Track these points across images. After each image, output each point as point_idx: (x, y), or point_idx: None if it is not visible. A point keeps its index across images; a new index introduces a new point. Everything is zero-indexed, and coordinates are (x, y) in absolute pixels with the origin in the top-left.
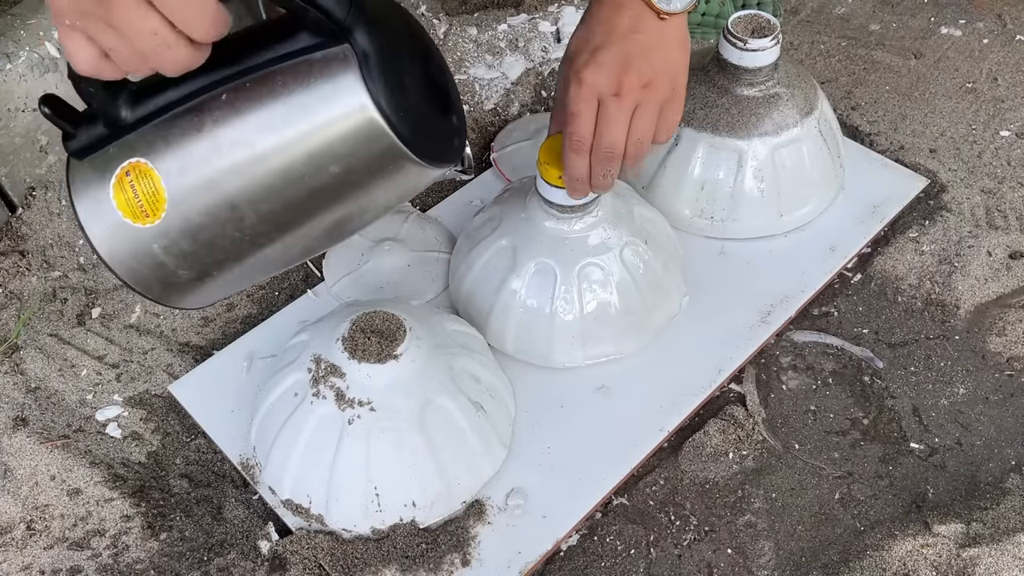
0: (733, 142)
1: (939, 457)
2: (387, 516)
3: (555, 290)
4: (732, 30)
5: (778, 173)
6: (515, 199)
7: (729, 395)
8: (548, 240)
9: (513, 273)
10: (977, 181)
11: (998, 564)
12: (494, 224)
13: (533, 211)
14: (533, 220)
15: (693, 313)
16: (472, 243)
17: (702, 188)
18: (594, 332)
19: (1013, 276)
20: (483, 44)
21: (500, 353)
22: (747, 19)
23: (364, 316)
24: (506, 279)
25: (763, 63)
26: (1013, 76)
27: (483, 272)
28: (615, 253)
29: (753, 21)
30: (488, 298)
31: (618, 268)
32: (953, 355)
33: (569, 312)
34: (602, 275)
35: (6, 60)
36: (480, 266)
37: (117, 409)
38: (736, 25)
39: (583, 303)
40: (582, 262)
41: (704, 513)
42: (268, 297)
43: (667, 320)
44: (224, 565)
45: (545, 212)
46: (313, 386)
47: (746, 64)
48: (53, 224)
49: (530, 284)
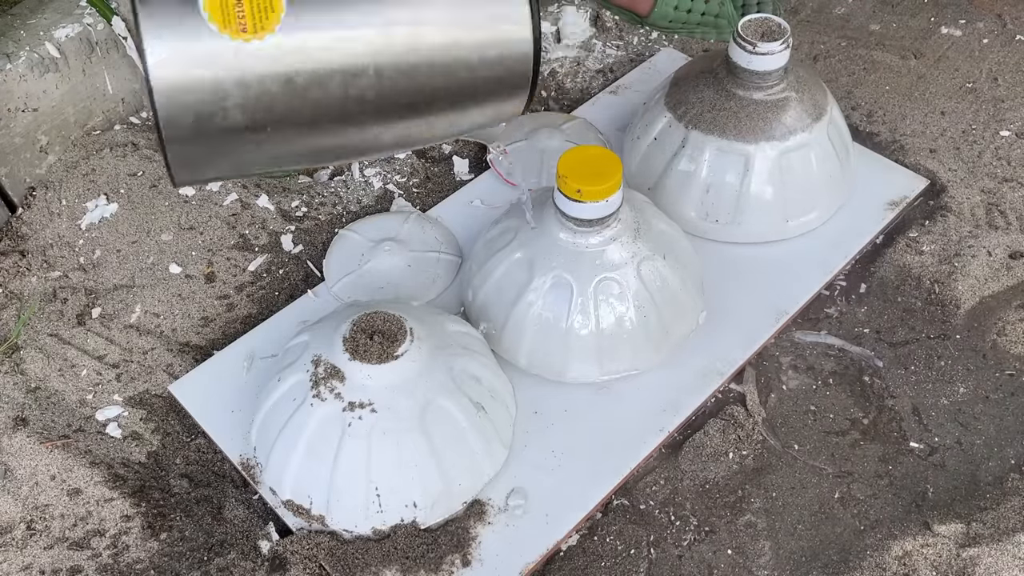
0: (741, 146)
1: (939, 457)
2: (388, 517)
3: (571, 304)
4: (742, 34)
5: (785, 178)
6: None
7: (729, 395)
8: (565, 254)
9: (529, 286)
10: (977, 181)
11: (998, 564)
12: (510, 236)
13: (549, 224)
14: (550, 233)
15: None
16: (488, 254)
17: (707, 191)
18: (610, 348)
19: (1013, 276)
20: None
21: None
22: (757, 23)
23: (365, 317)
24: (522, 292)
25: (773, 67)
26: (1013, 76)
27: (498, 284)
28: (633, 268)
29: (763, 25)
30: (503, 311)
31: (635, 283)
32: (953, 355)
33: (585, 327)
34: (619, 290)
35: (6, 60)
36: (495, 278)
37: (117, 409)
38: (746, 29)
39: (599, 318)
40: (599, 276)
41: (704, 513)
42: (268, 297)
43: (684, 336)
44: (224, 565)
45: (561, 224)
46: (314, 387)
47: (755, 68)
48: (53, 224)
49: (546, 298)
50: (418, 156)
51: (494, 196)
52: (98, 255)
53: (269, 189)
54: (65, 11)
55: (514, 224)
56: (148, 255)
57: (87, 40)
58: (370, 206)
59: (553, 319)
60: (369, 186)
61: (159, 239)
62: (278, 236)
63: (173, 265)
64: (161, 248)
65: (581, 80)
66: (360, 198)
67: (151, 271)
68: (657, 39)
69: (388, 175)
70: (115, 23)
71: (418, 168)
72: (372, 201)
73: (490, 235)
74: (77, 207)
